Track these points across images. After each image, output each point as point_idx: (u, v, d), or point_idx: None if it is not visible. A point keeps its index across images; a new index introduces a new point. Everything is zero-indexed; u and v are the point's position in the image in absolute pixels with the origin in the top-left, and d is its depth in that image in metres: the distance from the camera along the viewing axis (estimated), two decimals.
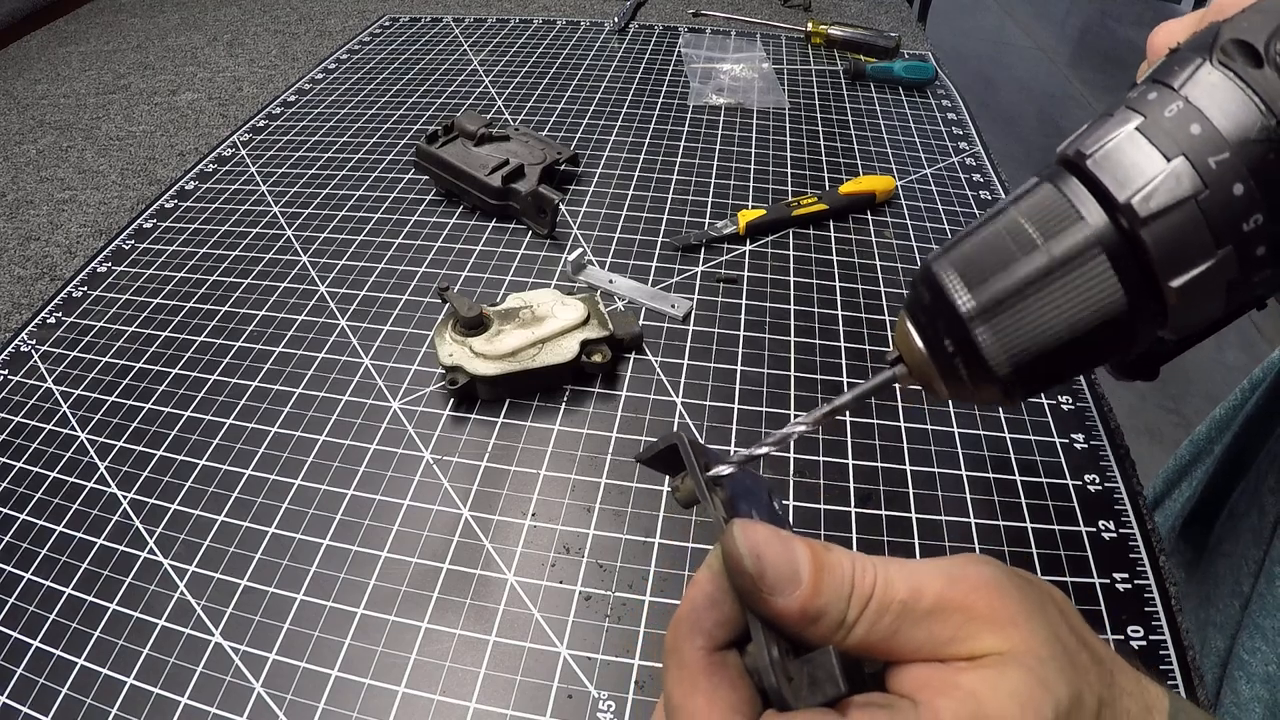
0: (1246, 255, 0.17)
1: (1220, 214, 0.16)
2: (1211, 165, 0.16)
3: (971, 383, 0.19)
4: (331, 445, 0.41)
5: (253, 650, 0.33)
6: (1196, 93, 0.17)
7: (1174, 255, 0.17)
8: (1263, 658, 0.34)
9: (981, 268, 0.18)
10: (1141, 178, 0.17)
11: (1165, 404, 1.59)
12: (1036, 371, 0.18)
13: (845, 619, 0.17)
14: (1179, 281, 0.17)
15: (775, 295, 0.50)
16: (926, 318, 0.20)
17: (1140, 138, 0.17)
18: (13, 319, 0.51)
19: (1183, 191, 0.16)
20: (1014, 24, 3.31)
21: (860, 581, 0.17)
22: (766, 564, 0.17)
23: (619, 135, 0.68)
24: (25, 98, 0.79)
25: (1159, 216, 0.17)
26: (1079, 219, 0.17)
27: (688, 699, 0.18)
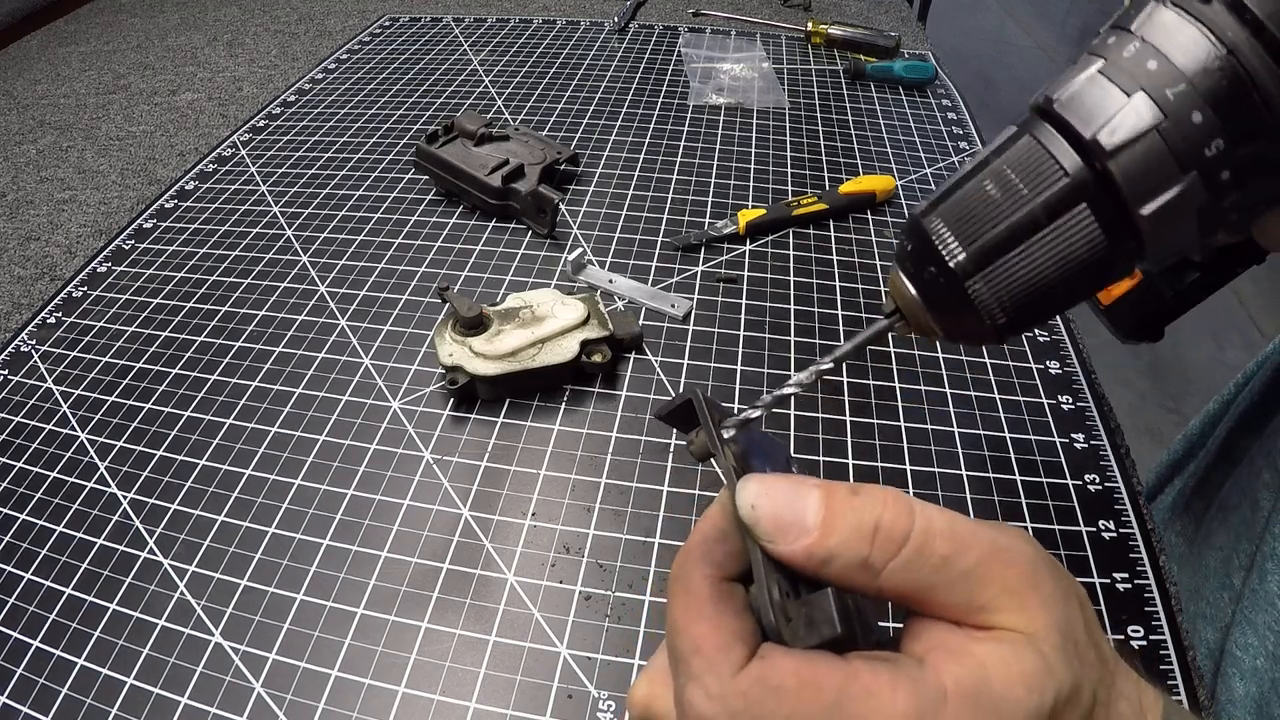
0: (1212, 180, 0.18)
1: (1181, 141, 0.17)
2: (1169, 96, 0.17)
3: (966, 328, 0.20)
4: (331, 445, 0.41)
5: (253, 650, 0.33)
6: (1152, 32, 0.18)
7: (1141, 184, 0.18)
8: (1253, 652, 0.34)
9: (970, 220, 0.19)
10: (1104, 114, 0.18)
11: (1165, 404, 1.60)
12: (1026, 314, 0.20)
13: (869, 561, 0.17)
14: (1149, 209, 0.18)
15: (775, 295, 0.50)
16: (918, 269, 0.21)
17: (1101, 78, 0.18)
18: (13, 319, 0.51)
19: (1143, 123, 0.17)
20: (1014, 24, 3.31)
21: (891, 525, 0.17)
22: (762, 514, 0.18)
23: (619, 135, 0.68)
24: (25, 98, 0.79)
25: (1124, 149, 0.18)
26: (1059, 170, 0.18)
27: (692, 624, 0.18)
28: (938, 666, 0.17)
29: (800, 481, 0.18)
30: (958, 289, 0.20)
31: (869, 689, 0.16)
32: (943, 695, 0.16)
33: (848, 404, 0.43)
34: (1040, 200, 0.18)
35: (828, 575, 0.18)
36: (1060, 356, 0.46)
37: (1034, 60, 3.02)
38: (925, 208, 0.20)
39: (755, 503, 0.18)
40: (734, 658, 0.17)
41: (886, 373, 0.45)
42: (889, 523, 0.17)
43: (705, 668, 0.17)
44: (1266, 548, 0.35)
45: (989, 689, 0.16)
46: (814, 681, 0.16)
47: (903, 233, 0.21)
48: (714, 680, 0.17)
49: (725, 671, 0.17)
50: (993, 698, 0.16)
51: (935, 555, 0.17)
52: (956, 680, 0.16)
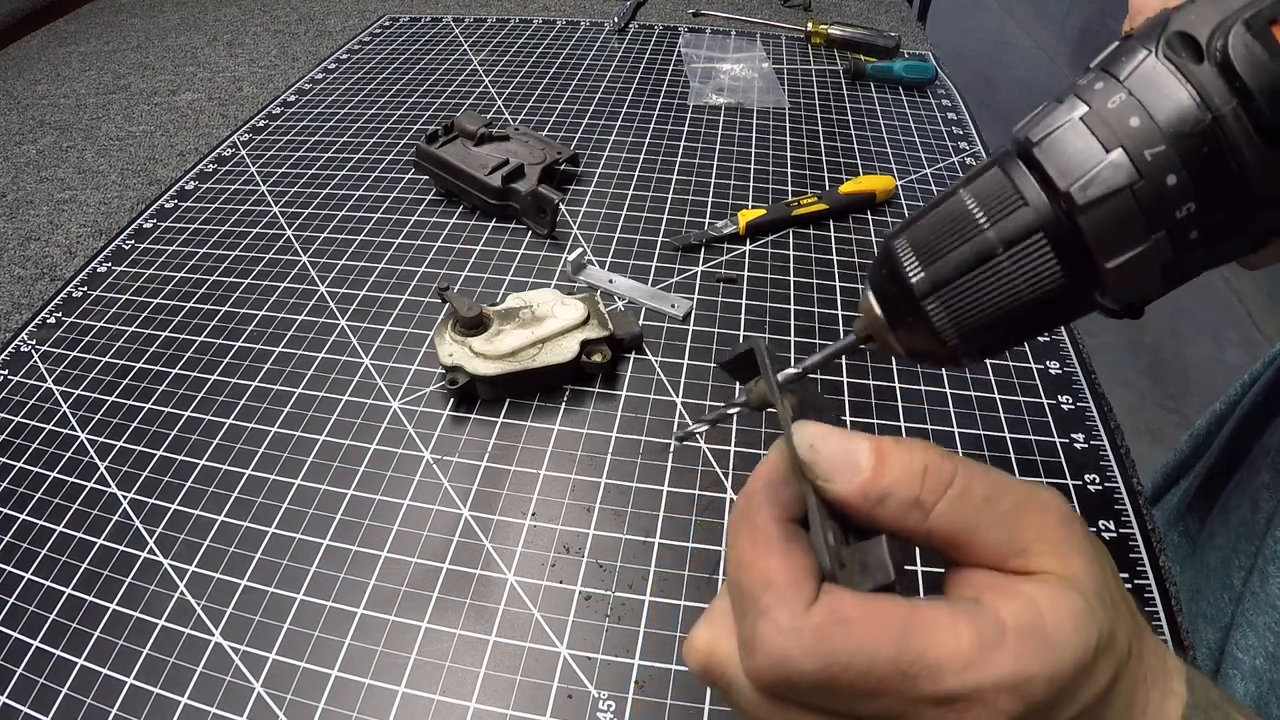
0: (1179, 239, 0.18)
1: (1153, 202, 0.18)
2: (1147, 157, 0.17)
3: (925, 348, 0.21)
4: (331, 445, 0.41)
5: (253, 650, 0.33)
6: (1139, 86, 0.18)
7: (1109, 239, 0.18)
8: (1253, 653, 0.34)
9: (933, 246, 0.20)
10: (1081, 167, 0.18)
11: (1165, 404, 1.59)
12: (983, 339, 0.20)
13: (919, 500, 0.18)
14: (1113, 263, 0.18)
15: (775, 295, 0.50)
16: (885, 289, 0.21)
17: (1083, 127, 0.18)
18: (13, 319, 0.51)
19: (1118, 182, 0.18)
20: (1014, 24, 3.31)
21: (937, 468, 0.18)
22: (821, 453, 0.18)
23: (619, 135, 0.68)
24: (25, 98, 0.79)
25: (1095, 205, 0.18)
26: (1022, 203, 0.19)
27: (762, 559, 0.18)
28: (993, 603, 0.17)
29: (849, 433, 0.19)
30: (916, 309, 0.20)
31: (933, 622, 0.17)
32: (1002, 628, 0.17)
33: (848, 404, 0.43)
34: (997, 229, 0.19)
35: (882, 515, 0.18)
36: (1060, 356, 0.46)
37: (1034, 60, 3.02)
38: (895, 231, 0.21)
39: (814, 443, 0.19)
40: (805, 593, 0.17)
41: (886, 373, 0.45)
42: (935, 465, 0.18)
43: (777, 601, 0.17)
44: (1267, 550, 0.35)
45: (1043, 623, 0.17)
46: (882, 615, 0.17)
47: (876, 256, 0.22)
48: (786, 614, 0.17)
49: (798, 605, 0.17)
50: (1047, 632, 0.17)
51: (978, 496, 0.18)
52: (1013, 614, 0.17)
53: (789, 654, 0.17)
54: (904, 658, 0.16)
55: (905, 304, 0.20)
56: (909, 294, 0.20)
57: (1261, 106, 0.16)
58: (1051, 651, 0.16)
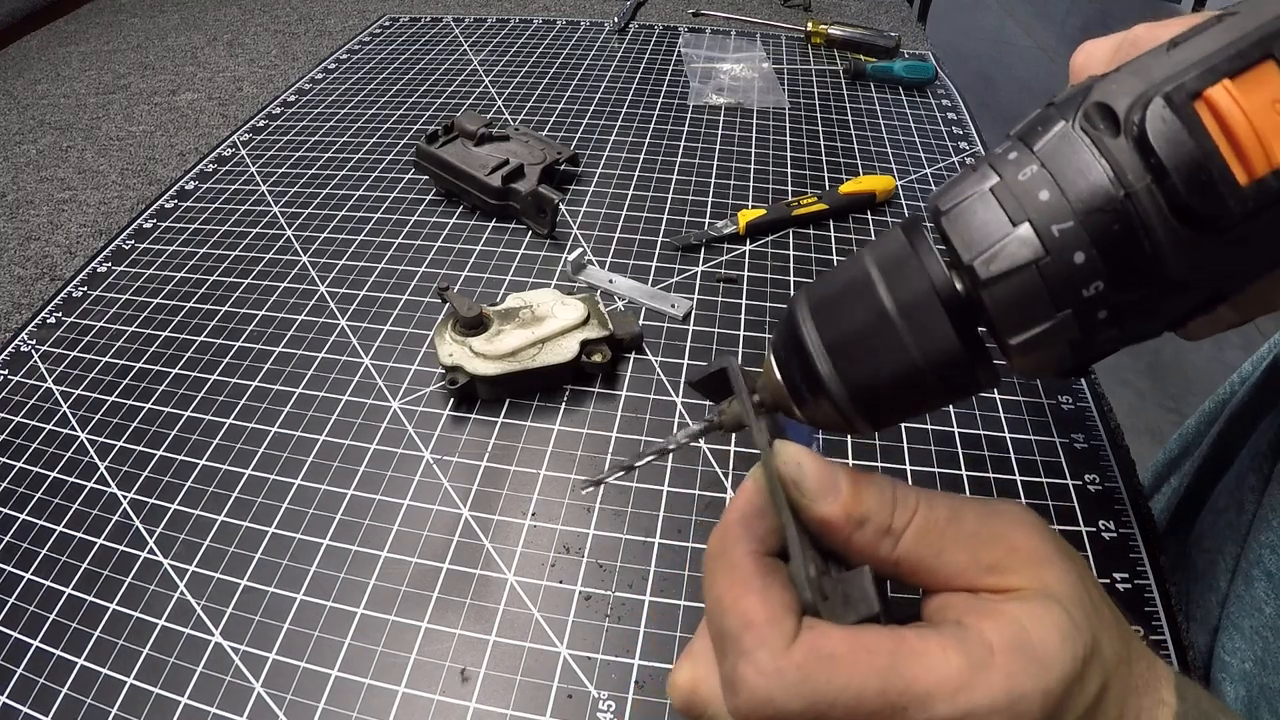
0: (1086, 319, 0.17)
1: (1060, 280, 0.17)
2: (1054, 233, 0.17)
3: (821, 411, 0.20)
4: (331, 445, 0.41)
5: (253, 650, 0.33)
6: (1052, 157, 0.17)
7: (1012, 315, 0.18)
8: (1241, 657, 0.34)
9: (830, 309, 0.20)
10: (986, 240, 0.17)
11: (1165, 404, 1.59)
12: (877, 405, 0.20)
13: (892, 526, 0.18)
14: (1017, 340, 0.18)
15: (775, 295, 0.50)
16: (786, 351, 0.21)
17: (992, 199, 0.18)
18: (13, 319, 0.51)
19: (1023, 257, 0.17)
20: (1014, 24, 3.31)
21: (903, 496, 0.19)
22: (807, 472, 0.18)
23: (619, 135, 0.68)
24: (25, 98, 0.79)
25: (999, 280, 0.17)
26: (921, 271, 0.18)
27: (740, 599, 0.18)
28: (977, 625, 0.17)
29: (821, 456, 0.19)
30: (809, 367, 0.20)
31: (920, 649, 0.17)
32: (989, 649, 0.17)
33: None
34: (896, 295, 0.19)
35: (858, 541, 0.18)
36: None
37: (1034, 60, 3.03)
38: (799, 293, 0.21)
39: (801, 461, 0.19)
40: (785, 630, 0.17)
41: None
42: (901, 492, 0.19)
43: (757, 642, 0.17)
44: (1251, 553, 0.35)
45: (1029, 639, 0.17)
46: (866, 648, 0.17)
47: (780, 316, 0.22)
48: (767, 655, 0.17)
49: (779, 644, 0.17)
50: (1034, 648, 0.17)
51: (941, 519, 0.18)
52: (999, 633, 0.17)
53: (772, 695, 0.16)
54: (892, 690, 0.16)
55: (800, 365, 0.20)
56: (805, 355, 0.20)
57: (1176, 184, 0.16)
58: (1041, 667, 0.16)
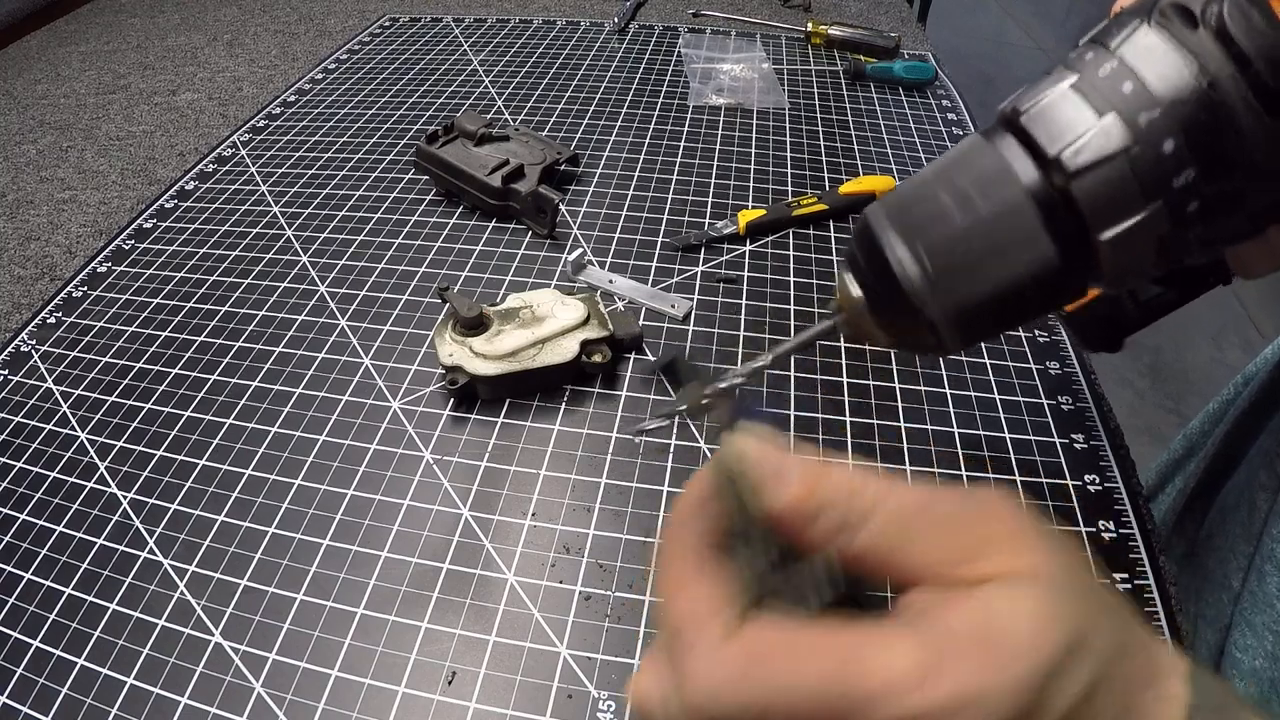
0: (1178, 211, 0.17)
1: (1149, 169, 0.17)
2: (1141, 122, 0.17)
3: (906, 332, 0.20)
4: (331, 445, 0.41)
5: (253, 650, 0.33)
6: (1131, 53, 0.17)
7: (1103, 208, 0.17)
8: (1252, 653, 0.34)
9: (913, 218, 0.19)
10: (1072, 133, 0.17)
11: (1165, 404, 1.59)
12: (968, 319, 0.19)
13: (846, 521, 0.17)
14: (1108, 235, 0.17)
15: (775, 295, 0.50)
16: (862, 265, 0.20)
17: (1074, 95, 0.18)
18: (13, 319, 0.51)
19: (1111, 146, 0.17)
20: (1014, 24, 3.31)
21: (864, 485, 0.17)
22: (753, 465, 0.18)
23: (619, 135, 0.68)
24: (25, 98, 0.79)
25: (1088, 170, 0.17)
26: (1009, 172, 0.18)
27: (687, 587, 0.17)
28: (941, 615, 0.16)
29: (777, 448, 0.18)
30: (895, 287, 0.19)
31: (869, 645, 0.16)
32: (949, 637, 0.15)
33: (848, 404, 0.43)
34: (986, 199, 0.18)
35: (813, 535, 0.17)
36: (1060, 357, 0.46)
37: (1034, 60, 3.02)
38: (874, 206, 0.20)
39: (746, 453, 0.18)
40: (728, 622, 0.17)
41: (886, 373, 0.45)
42: (860, 484, 0.17)
43: (699, 634, 0.17)
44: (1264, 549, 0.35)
45: (996, 626, 0.15)
46: (812, 642, 0.16)
47: (853, 234, 0.21)
48: (707, 647, 0.16)
49: (719, 636, 0.16)
50: (1001, 635, 0.15)
51: (909, 509, 0.17)
52: (963, 623, 0.16)
53: (715, 689, 0.16)
54: (835, 689, 0.15)
55: (885, 282, 0.19)
56: (887, 270, 0.19)
57: (1260, 71, 0.16)
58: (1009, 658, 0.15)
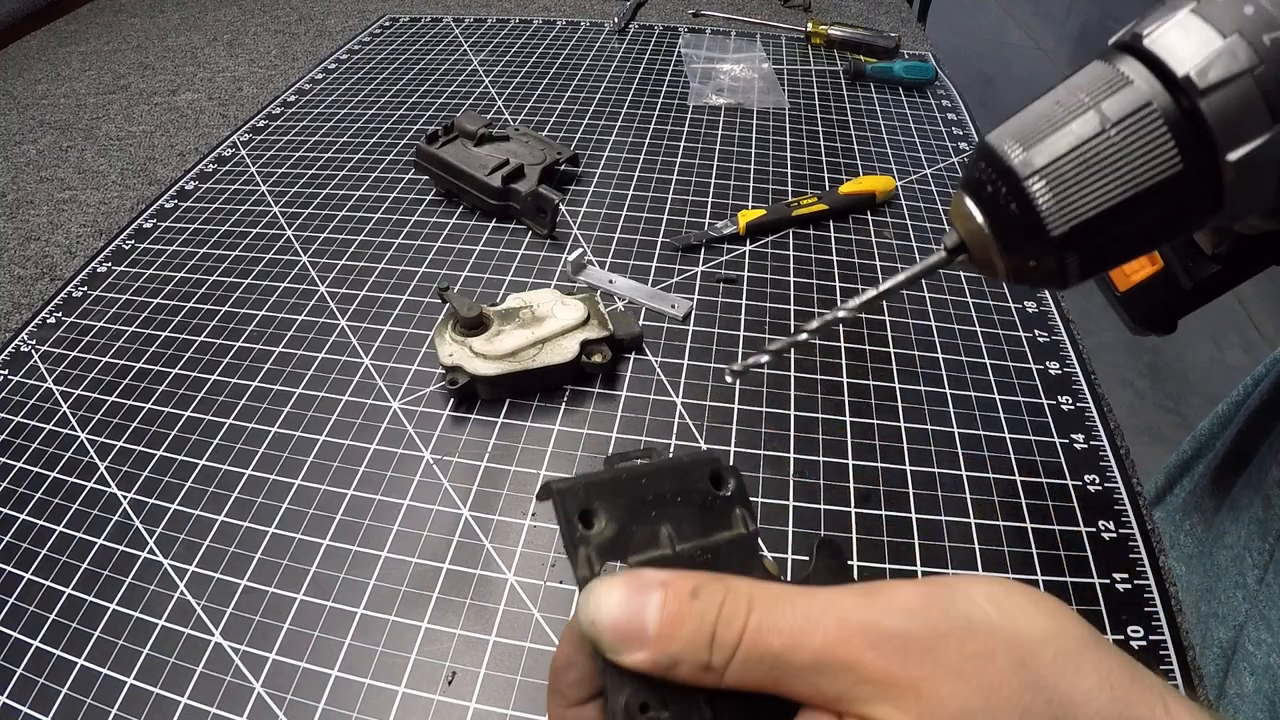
0: None
1: (1276, 88, 0.17)
2: (1266, 42, 0.17)
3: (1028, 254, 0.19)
4: (331, 445, 0.41)
5: (253, 650, 0.33)
6: None
7: (1232, 127, 0.17)
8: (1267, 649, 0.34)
9: (1035, 129, 0.19)
10: (1199, 54, 0.17)
11: (1165, 404, 1.60)
12: (1093, 239, 0.19)
13: (710, 664, 0.16)
14: (1237, 154, 0.17)
15: (775, 295, 0.50)
16: (983, 187, 0.20)
17: (1196, 19, 0.18)
18: (13, 319, 0.51)
19: (1239, 65, 0.17)
20: (1014, 24, 3.31)
21: (724, 631, 0.16)
22: (604, 627, 0.16)
23: (619, 135, 0.68)
24: (25, 98, 0.79)
25: (1217, 89, 0.17)
26: (1129, 83, 0.18)
27: None
28: None
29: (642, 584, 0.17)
30: (1020, 194, 0.19)
31: None
32: None
33: (848, 404, 0.43)
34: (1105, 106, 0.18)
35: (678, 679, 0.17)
36: (1060, 357, 0.46)
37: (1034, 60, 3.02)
38: (997, 131, 0.20)
39: (595, 618, 0.17)
40: None
41: (886, 373, 0.45)
42: (724, 622, 0.16)
43: None
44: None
45: None
46: None
47: (971, 156, 0.20)
48: None
49: None
50: None
51: (768, 652, 0.16)
52: None
53: None
54: None
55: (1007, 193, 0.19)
56: (1011, 178, 0.19)
57: None
58: None
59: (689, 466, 0.21)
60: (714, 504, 0.20)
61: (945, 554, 0.36)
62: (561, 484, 0.19)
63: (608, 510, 0.19)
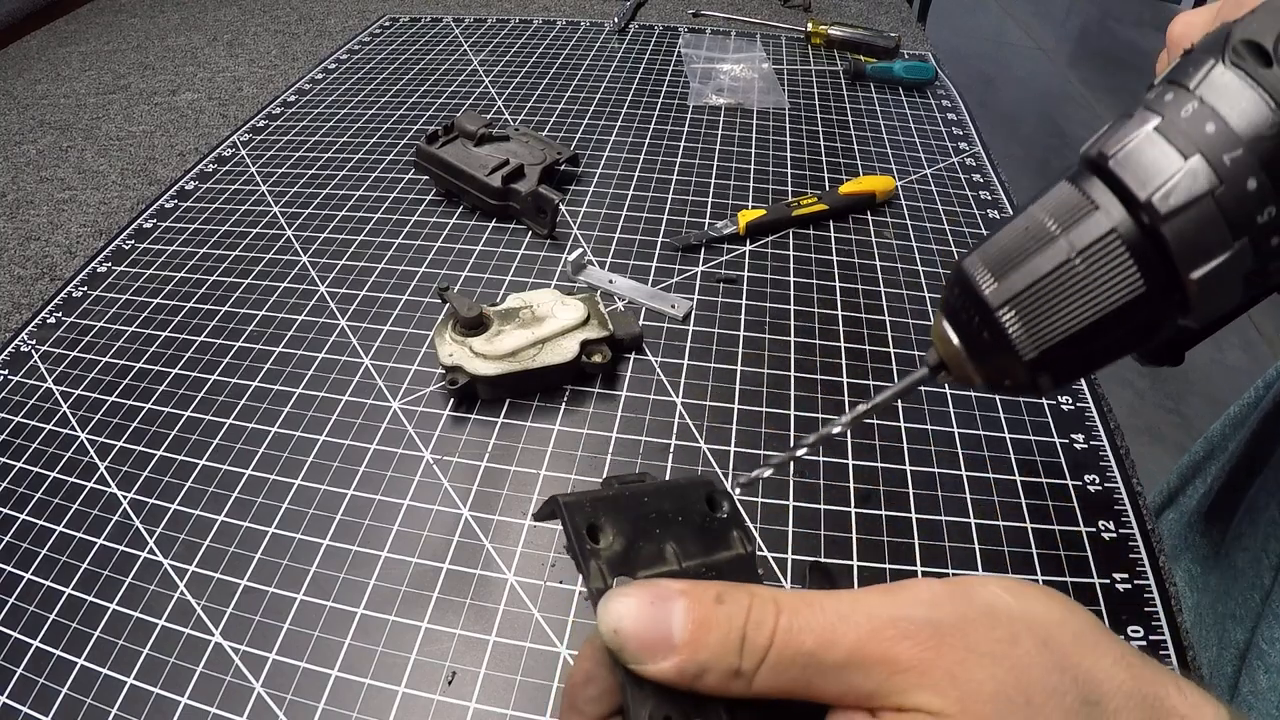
0: (1262, 246, 0.18)
1: (1235, 208, 0.17)
2: (1226, 162, 0.17)
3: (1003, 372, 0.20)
4: (331, 445, 0.41)
5: (253, 650, 0.33)
6: (1210, 93, 0.18)
7: (1193, 248, 0.18)
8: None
9: (1006, 259, 0.20)
10: (1160, 176, 0.18)
11: (1165, 404, 1.60)
12: (1064, 358, 0.19)
13: (740, 670, 0.16)
14: (1198, 273, 0.18)
15: (775, 295, 0.50)
16: (960, 312, 0.21)
17: (1159, 137, 0.18)
18: (13, 319, 0.51)
19: (1199, 188, 0.17)
20: (1014, 24, 3.31)
21: (755, 634, 0.16)
22: (627, 636, 0.16)
23: (619, 135, 0.68)
24: (25, 98, 0.79)
25: (1178, 213, 0.18)
26: (1094, 209, 0.19)
27: None
28: None
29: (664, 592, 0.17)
30: (991, 323, 0.20)
31: None
32: None
33: (848, 404, 0.43)
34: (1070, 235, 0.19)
35: (704, 688, 0.16)
36: None
37: (1034, 60, 3.03)
38: (967, 252, 0.21)
39: (618, 626, 0.16)
40: None
41: (886, 373, 0.45)
42: (754, 626, 0.16)
43: None
44: None
45: None
46: None
47: (949, 278, 0.22)
48: None
49: None
50: None
51: (800, 653, 0.16)
52: None
53: None
54: None
55: (980, 320, 0.20)
56: (983, 307, 0.20)
57: None
58: None
59: (685, 489, 0.21)
60: (712, 525, 0.21)
61: (945, 554, 0.36)
62: (567, 498, 0.19)
63: (613, 526, 0.19)
